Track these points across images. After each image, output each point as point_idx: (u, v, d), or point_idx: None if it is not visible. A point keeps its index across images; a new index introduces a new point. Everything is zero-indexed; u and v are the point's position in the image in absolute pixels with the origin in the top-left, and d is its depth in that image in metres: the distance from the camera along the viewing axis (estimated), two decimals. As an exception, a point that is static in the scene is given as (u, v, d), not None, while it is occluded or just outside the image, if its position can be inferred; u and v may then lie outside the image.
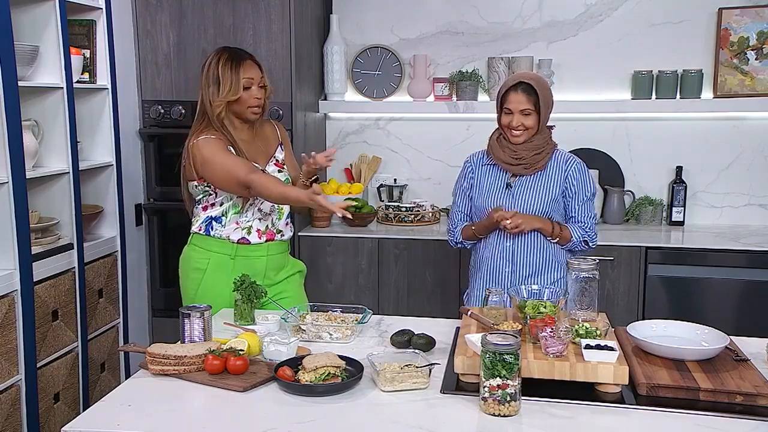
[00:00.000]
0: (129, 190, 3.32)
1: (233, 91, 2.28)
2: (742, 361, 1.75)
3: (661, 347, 1.75)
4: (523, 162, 2.40)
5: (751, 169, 3.57)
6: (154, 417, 1.55)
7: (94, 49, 3.05)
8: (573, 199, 2.43)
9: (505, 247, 2.43)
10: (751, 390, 1.59)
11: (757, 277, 3.13)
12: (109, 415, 1.56)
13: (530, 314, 1.81)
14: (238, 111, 2.34)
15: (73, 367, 2.83)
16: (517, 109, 2.34)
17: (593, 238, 2.46)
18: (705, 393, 1.60)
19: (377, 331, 2.08)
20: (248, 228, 2.39)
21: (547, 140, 2.42)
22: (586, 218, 2.44)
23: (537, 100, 2.33)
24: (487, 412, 1.54)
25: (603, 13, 3.60)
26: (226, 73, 2.28)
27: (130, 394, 1.67)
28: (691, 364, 1.72)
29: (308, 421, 1.51)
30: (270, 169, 2.42)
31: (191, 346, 1.79)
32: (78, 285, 2.83)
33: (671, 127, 3.62)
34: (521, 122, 2.35)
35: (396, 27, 3.78)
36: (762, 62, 3.45)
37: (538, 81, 2.37)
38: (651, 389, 1.62)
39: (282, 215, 2.46)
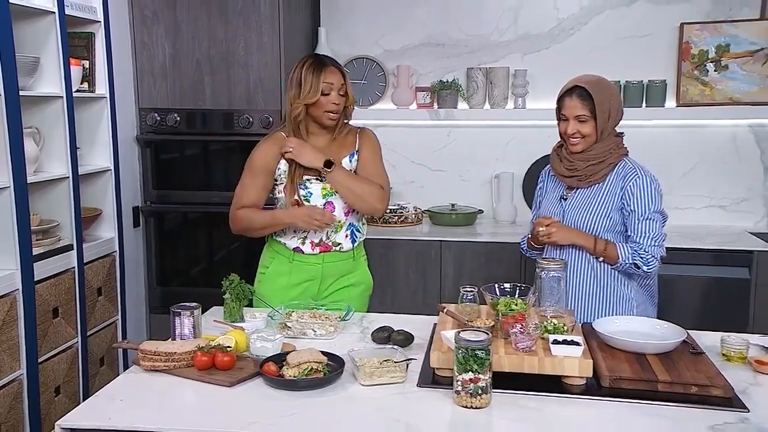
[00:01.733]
0: (127, 194, 3.30)
1: (312, 94, 2.19)
2: (697, 354, 1.76)
3: (623, 342, 1.76)
4: (578, 174, 2.16)
5: (711, 173, 3.58)
6: (144, 411, 1.53)
7: (93, 60, 3.03)
8: (631, 217, 2.12)
9: None
10: (705, 381, 1.60)
11: (717, 274, 3.14)
12: (101, 409, 1.54)
13: (502, 311, 1.82)
14: (316, 115, 2.24)
15: (73, 362, 2.81)
16: (572, 115, 2.11)
17: (648, 261, 2.07)
18: (663, 384, 1.60)
19: (359, 327, 2.08)
20: (303, 238, 2.28)
21: (610, 149, 2.14)
22: (641, 238, 2.09)
23: (593, 106, 2.09)
24: (460, 404, 1.54)
25: (574, 27, 3.61)
26: (308, 76, 2.20)
27: (122, 389, 1.65)
28: (651, 358, 1.72)
29: (291, 414, 1.50)
30: None
31: (181, 343, 1.77)
32: (78, 284, 2.81)
33: (638, 133, 3.59)
34: (577, 129, 2.11)
35: (381, 39, 3.77)
36: (720, 74, 3.47)
37: (594, 85, 2.11)
38: (614, 381, 1.62)
39: (340, 228, 2.29)
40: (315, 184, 2.26)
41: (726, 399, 1.56)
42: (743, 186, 3.57)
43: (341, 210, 2.29)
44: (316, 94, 2.19)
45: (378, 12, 3.75)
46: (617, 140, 2.19)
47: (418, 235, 3.42)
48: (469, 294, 1.90)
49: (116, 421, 1.48)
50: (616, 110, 2.15)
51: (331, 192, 2.26)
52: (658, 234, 2.12)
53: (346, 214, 2.30)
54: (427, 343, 1.91)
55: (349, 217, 2.32)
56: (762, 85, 3.43)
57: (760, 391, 1.62)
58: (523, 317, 1.75)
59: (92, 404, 1.57)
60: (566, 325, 1.78)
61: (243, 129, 3.31)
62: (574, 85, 2.13)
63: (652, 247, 2.10)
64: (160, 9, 3.34)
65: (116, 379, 1.71)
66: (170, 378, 1.69)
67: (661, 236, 2.14)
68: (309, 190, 2.26)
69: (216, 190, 3.44)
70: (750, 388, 1.64)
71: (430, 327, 2.03)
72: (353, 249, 2.34)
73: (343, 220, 2.30)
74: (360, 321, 2.13)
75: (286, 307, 2.12)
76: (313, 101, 2.20)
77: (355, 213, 2.34)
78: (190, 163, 3.53)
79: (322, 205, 2.27)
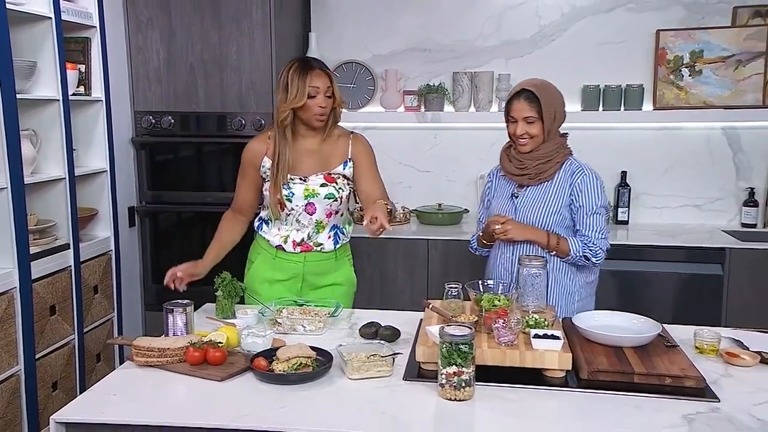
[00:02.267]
0: (122, 194, 3.28)
1: (298, 98, 2.14)
2: (672, 347, 1.77)
3: (601, 335, 1.76)
4: (528, 172, 2.19)
5: (686, 174, 3.61)
6: (137, 405, 1.53)
7: (89, 64, 3.01)
8: (579, 212, 2.17)
9: (506, 258, 2.25)
10: (679, 373, 1.61)
11: (692, 270, 3.16)
12: (95, 404, 1.53)
13: (486, 307, 1.82)
14: (304, 118, 2.20)
15: (70, 358, 2.78)
16: (520, 117, 2.14)
17: (597, 253, 2.14)
18: (639, 376, 1.61)
19: (348, 323, 2.07)
20: (285, 237, 2.27)
21: (557, 149, 2.18)
22: (590, 232, 2.15)
23: (540, 108, 2.12)
24: (444, 397, 1.54)
25: (555, 33, 3.62)
26: (294, 80, 2.15)
27: (116, 384, 1.64)
28: (628, 351, 1.73)
29: (280, 408, 1.50)
30: (316, 181, 2.23)
31: (174, 339, 1.76)
32: (74, 282, 2.79)
33: (616, 135, 3.65)
34: (525, 130, 2.14)
35: (369, 44, 3.77)
36: (694, 78, 3.49)
37: (541, 88, 2.14)
38: (592, 373, 1.63)
39: (322, 229, 2.27)
40: (297, 185, 2.23)
41: (698, 389, 1.58)
42: (716, 186, 3.60)
43: (323, 212, 2.25)
44: (303, 98, 2.15)
45: (367, 18, 3.75)
46: (562, 140, 2.23)
47: (406, 233, 3.42)
48: (454, 290, 1.90)
49: (109, 416, 1.47)
50: (560, 112, 2.19)
51: (313, 193, 2.23)
52: (604, 227, 2.18)
53: (328, 215, 2.27)
54: (413, 338, 1.91)
55: (333, 219, 2.29)
56: (733, 89, 3.46)
57: (730, 382, 1.64)
58: (505, 313, 1.75)
59: (86, 399, 1.56)
60: (547, 320, 1.78)
61: (236, 131, 3.30)
62: (522, 89, 2.16)
63: (600, 239, 2.16)
64: (155, 15, 3.32)
65: (110, 375, 1.70)
66: (163, 373, 1.68)
67: (606, 230, 2.20)
68: (291, 191, 2.23)
69: (209, 190, 3.43)
70: (721, 379, 1.65)
71: (416, 322, 2.03)
72: (336, 250, 2.30)
73: (325, 222, 2.27)
74: (348, 317, 2.13)
75: (276, 303, 2.11)
76: (299, 105, 2.15)
77: (340, 215, 2.31)
78: (184, 165, 3.51)
79: (304, 205, 2.23)
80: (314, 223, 2.26)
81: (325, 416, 1.47)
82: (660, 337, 1.79)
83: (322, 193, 2.23)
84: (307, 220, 2.25)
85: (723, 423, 1.43)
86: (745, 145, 3.55)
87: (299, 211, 2.24)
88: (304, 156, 2.24)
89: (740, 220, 3.56)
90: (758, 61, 3.42)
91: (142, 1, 3.32)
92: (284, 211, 2.24)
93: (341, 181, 2.27)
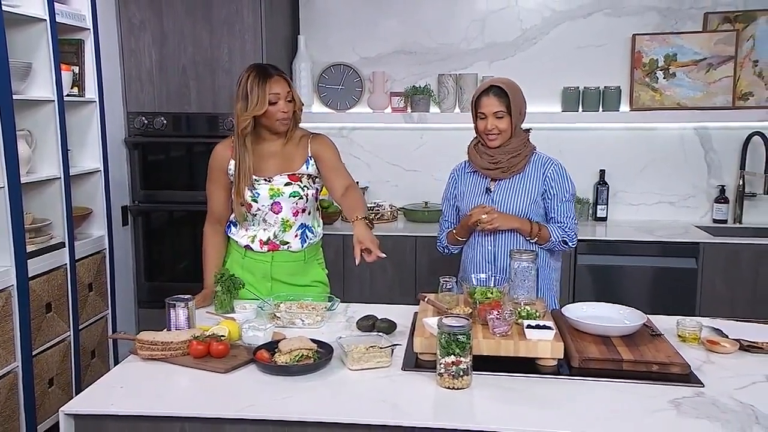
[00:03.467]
0: (116, 194, 3.24)
1: (259, 106, 2.10)
2: (657, 335, 1.80)
3: (590, 325, 1.79)
4: (501, 166, 2.22)
5: (661, 172, 3.67)
6: (145, 397, 1.51)
7: (83, 65, 2.97)
8: (552, 200, 2.23)
9: (487, 251, 2.27)
10: (665, 360, 1.64)
11: (667, 264, 3.21)
12: (103, 396, 1.52)
13: (479, 299, 1.83)
14: (267, 124, 2.16)
15: (66, 355, 2.75)
16: (490, 112, 2.18)
17: (572, 238, 2.23)
18: (627, 363, 1.64)
19: (344, 317, 2.08)
20: (252, 237, 2.25)
21: (524, 143, 2.23)
22: (565, 219, 2.23)
23: (509, 103, 2.16)
24: (443, 385, 1.55)
25: (536, 36, 3.66)
26: (254, 88, 2.10)
27: (121, 377, 1.63)
28: (616, 340, 1.76)
29: (285, 398, 1.50)
30: (281, 180, 2.21)
31: (177, 333, 1.75)
32: (69, 280, 2.75)
33: (595, 135, 3.70)
34: (495, 125, 2.18)
35: (357, 47, 3.77)
36: (669, 81, 3.56)
37: (509, 84, 2.20)
38: (582, 362, 1.65)
39: (288, 228, 2.24)
40: (263, 185, 2.20)
41: (684, 375, 1.61)
42: (689, 184, 3.66)
43: (289, 210, 2.22)
44: (264, 106, 2.10)
45: (354, 22, 3.75)
46: (526, 135, 2.28)
47: (393, 231, 3.43)
48: (449, 284, 1.92)
49: (119, 407, 1.46)
50: (525, 108, 2.26)
51: (278, 192, 2.20)
52: (574, 214, 2.28)
53: (295, 214, 2.24)
54: (408, 330, 1.92)
55: (300, 217, 2.25)
56: (705, 91, 3.52)
57: (712, 368, 1.67)
58: (498, 305, 1.77)
59: (93, 392, 1.54)
60: (538, 311, 1.80)
61: (227, 131, 3.27)
62: (491, 85, 2.20)
63: (574, 225, 2.25)
64: (147, 18, 3.29)
65: (115, 368, 1.68)
66: (167, 366, 1.67)
67: (576, 216, 2.30)
68: (257, 191, 2.20)
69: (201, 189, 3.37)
70: (704, 366, 1.69)
71: (410, 315, 2.05)
72: (304, 250, 2.27)
73: (292, 220, 2.25)
74: (345, 311, 2.13)
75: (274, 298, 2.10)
76: (260, 113, 2.11)
77: (307, 213, 2.27)
78: (176, 164, 3.48)
79: (270, 205, 2.20)
80: (280, 221, 2.23)
81: (330, 405, 1.47)
82: (645, 326, 1.83)
83: (287, 191, 2.21)
84: (273, 219, 2.23)
85: (708, 406, 1.46)
86: (716, 145, 3.62)
87: (265, 210, 2.22)
88: (267, 159, 2.22)
89: (712, 216, 3.63)
90: (728, 64, 3.49)
91: (135, 4, 3.29)
92: (250, 212, 2.22)
93: (305, 180, 2.24)
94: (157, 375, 1.63)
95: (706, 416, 1.42)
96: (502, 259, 2.24)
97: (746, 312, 3.03)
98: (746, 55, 3.51)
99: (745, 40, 3.50)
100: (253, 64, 2.21)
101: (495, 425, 1.39)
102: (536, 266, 1.96)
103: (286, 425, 1.43)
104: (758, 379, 1.61)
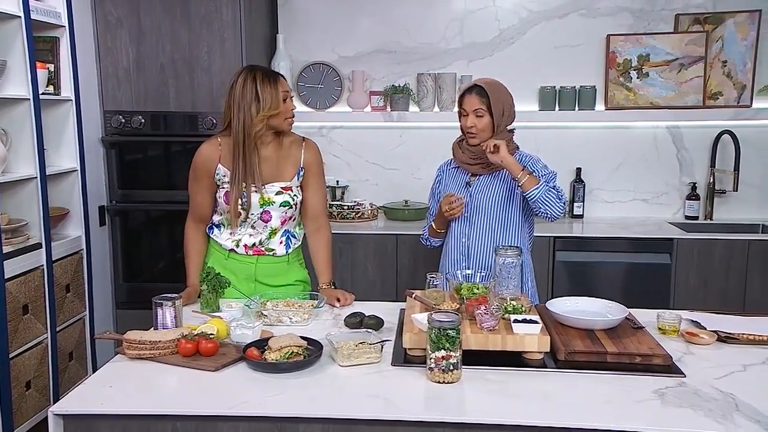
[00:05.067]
0: (93, 194, 3.20)
1: (275, 105, 2.10)
2: (639, 328, 1.84)
3: (575, 319, 1.82)
4: (482, 161, 2.28)
5: (635, 170, 3.75)
6: (135, 396, 1.50)
7: (59, 63, 2.92)
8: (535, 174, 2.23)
9: (462, 243, 2.34)
10: (648, 351, 1.68)
11: (641, 260, 3.28)
12: (92, 396, 1.49)
13: (466, 295, 1.86)
14: (275, 124, 2.14)
15: (43, 357, 2.70)
16: (470, 109, 2.25)
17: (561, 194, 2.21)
18: (611, 356, 1.67)
19: (331, 314, 2.08)
20: (237, 241, 2.23)
21: (506, 143, 2.25)
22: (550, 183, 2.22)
23: (489, 102, 2.22)
24: (433, 380, 1.56)
25: (513, 36, 3.70)
26: (266, 88, 2.08)
27: (109, 377, 1.60)
28: (599, 333, 1.79)
29: (276, 395, 1.50)
30: (272, 189, 2.20)
31: (164, 332, 1.74)
32: (47, 281, 2.71)
33: (571, 134, 3.76)
34: (474, 123, 2.24)
35: (336, 46, 3.77)
36: (642, 80, 3.63)
37: (490, 84, 2.26)
38: (568, 355, 1.68)
39: (274, 235, 2.24)
40: (253, 193, 2.17)
41: (666, 366, 1.65)
42: (662, 181, 3.75)
43: (278, 219, 2.22)
44: (279, 105, 2.11)
45: (333, 21, 3.75)
46: (510, 135, 2.33)
47: (374, 229, 3.44)
48: (436, 280, 1.93)
49: (110, 407, 1.44)
50: (508, 108, 2.28)
51: (269, 201, 2.19)
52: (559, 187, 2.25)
53: (283, 222, 2.24)
54: (396, 326, 1.94)
55: (286, 225, 2.26)
56: (677, 90, 3.61)
57: (692, 359, 1.72)
58: (485, 300, 1.79)
59: (82, 391, 1.52)
60: (524, 306, 1.83)
61: (207, 130, 3.25)
62: (474, 84, 2.28)
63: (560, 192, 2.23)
64: (124, 15, 3.25)
65: (103, 368, 1.66)
66: (156, 365, 1.65)
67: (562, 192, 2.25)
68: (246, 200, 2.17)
69: (179, 189, 3.35)
70: (684, 357, 1.73)
71: (395, 312, 2.06)
72: (288, 254, 2.28)
73: (279, 228, 2.25)
74: (330, 309, 2.13)
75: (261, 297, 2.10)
76: (276, 112, 2.11)
77: (292, 220, 2.28)
78: (155, 164, 3.44)
79: (259, 214, 2.19)
80: (268, 230, 2.23)
81: (323, 401, 1.47)
82: (627, 320, 1.87)
83: (278, 201, 2.20)
84: (261, 227, 2.23)
85: (690, 396, 1.50)
86: (687, 143, 3.71)
87: (254, 219, 2.21)
88: (260, 164, 2.19)
89: (684, 212, 3.72)
90: (698, 64, 3.58)
91: (111, 1, 3.24)
92: (240, 219, 2.20)
93: (296, 189, 2.25)
94: (146, 374, 1.61)
95: (689, 405, 1.46)
96: (475, 252, 2.31)
97: (718, 305, 3.13)
98: (715, 55, 3.60)
99: (715, 41, 3.59)
100: (249, 65, 2.19)
101: (487, 418, 1.41)
102: (520, 262, 1.99)
103: (279, 421, 1.43)
104: (736, 369, 1.66)
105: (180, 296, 1.87)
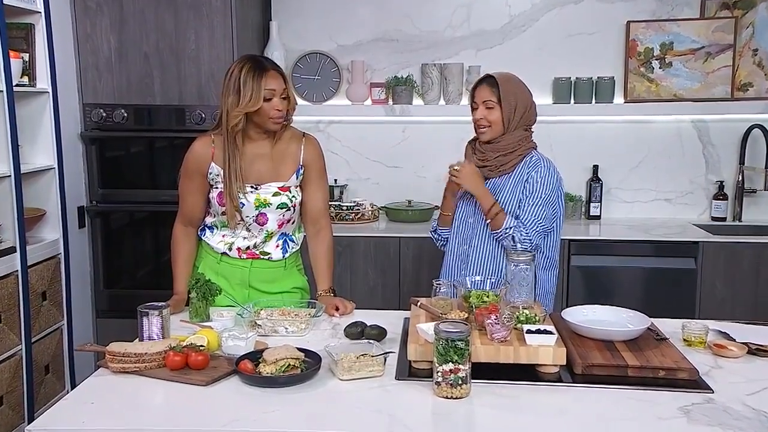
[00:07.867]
0: (71, 193, 3.20)
1: (254, 101, 2.07)
2: (662, 340, 1.85)
3: (593, 330, 1.83)
4: (488, 164, 2.29)
5: (657, 168, 3.76)
6: (119, 413, 1.50)
7: (34, 52, 2.93)
8: (524, 200, 2.26)
9: (462, 251, 2.37)
10: (672, 365, 1.68)
11: (664, 265, 3.29)
12: (73, 413, 1.50)
13: (475, 303, 1.86)
14: (258, 122, 2.13)
15: (17, 371, 2.71)
16: (480, 100, 2.27)
17: (524, 240, 2.20)
18: (633, 369, 1.68)
19: (330, 324, 2.09)
20: (230, 244, 2.24)
21: (518, 141, 2.27)
22: (527, 219, 2.23)
23: (500, 94, 2.23)
24: (440, 395, 1.57)
25: (525, 23, 3.71)
26: (248, 81, 2.06)
27: (91, 392, 1.61)
28: (619, 344, 1.80)
29: (272, 411, 1.50)
30: (269, 190, 2.20)
31: (151, 344, 1.74)
32: (21, 288, 2.71)
33: (588, 129, 3.77)
34: (483, 115, 2.25)
35: (334, 34, 3.78)
36: (665, 71, 3.64)
37: (502, 76, 2.27)
38: (586, 368, 1.68)
39: (270, 238, 2.25)
40: (249, 194, 2.19)
41: (692, 381, 1.65)
42: (687, 179, 3.76)
43: (275, 222, 2.23)
44: (258, 102, 2.07)
45: (331, 7, 3.76)
46: (526, 133, 2.31)
47: (375, 231, 3.46)
48: (442, 287, 1.94)
49: (91, 425, 1.44)
50: (523, 104, 2.27)
51: (265, 203, 2.20)
52: (543, 221, 2.25)
53: (280, 225, 2.25)
54: (399, 337, 1.94)
55: (283, 228, 2.27)
56: (703, 82, 3.62)
57: (721, 374, 1.72)
58: (496, 308, 1.80)
59: (62, 408, 1.53)
60: (537, 315, 1.84)
61: (195, 125, 3.26)
62: (486, 75, 2.31)
63: (533, 230, 2.23)
64: (105, 0, 3.25)
65: (84, 383, 1.66)
66: (142, 379, 1.66)
67: (545, 224, 2.26)
68: (242, 201, 2.18)
69: (164, 188, 3.38)
70: (712, 371, 1.74)
71: (399, 321, 2.06)
72: (284, 259, 2.29)
73: (275, 231, 2.26)
74: (330, 318, 2.14)
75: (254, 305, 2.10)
76: (254, 109, 2.08)
77: (291, 223, 2.29)
78: (138, 161, 3.45)
79: (255, 216, 2.20)
80: (264, 233, 2.24)
81: (322, 418, 1.48)
82: (649, 330, 1.87)
83: (275, 202, 2.21)
84: (257, 230, 2.24)
85: (719, 413, 1.51)
86: (714, 138, 3.72)
87: (249, 221, 2.21)
88: (254, 161, 2.19)
89: (710, 213, 3.73)
90: (727, 53, 3.59)
91: (90, -15, 3.25)
92: (236, 220, 2.21)
93: (294, 189, 2.26)
94: (131, 389, 1.62)
95: (719, 423, 1.46)
96: (474, 259, 2.33)
97: (748, 314, 3.12)
98: (745, 43, 3.61)
99: (744, 28, 3.60)
100: (246, 55, 2.18)
101: (499, 436, 1.42)
102: (533, 268, 2.00)
103: (274, 440, 1.44)
104: (768, 384, 1.66)
105: (168, 305, 1.88)
